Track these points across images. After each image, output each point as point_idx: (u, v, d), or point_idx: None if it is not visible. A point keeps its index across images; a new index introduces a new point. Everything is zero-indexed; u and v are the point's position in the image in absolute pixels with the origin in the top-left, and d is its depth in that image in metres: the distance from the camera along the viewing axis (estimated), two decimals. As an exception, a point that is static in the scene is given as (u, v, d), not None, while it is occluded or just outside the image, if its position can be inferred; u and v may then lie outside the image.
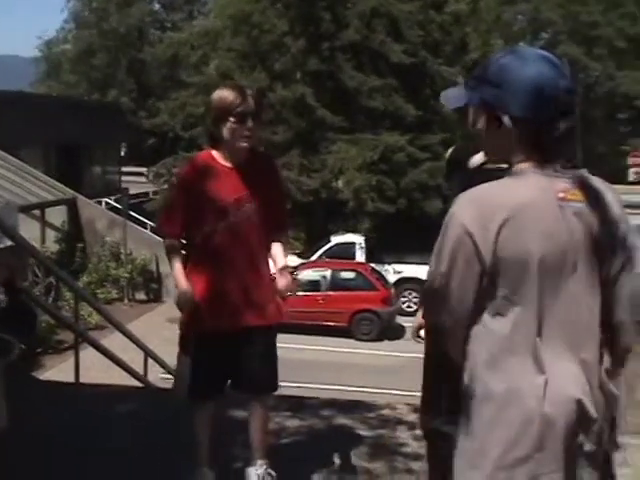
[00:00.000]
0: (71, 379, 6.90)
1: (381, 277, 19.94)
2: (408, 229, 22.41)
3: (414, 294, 21.35)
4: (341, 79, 22.56)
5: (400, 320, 19.51)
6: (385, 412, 4.91)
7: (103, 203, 23.56)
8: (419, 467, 4.03)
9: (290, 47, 22.16)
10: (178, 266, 3.45)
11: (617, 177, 37.07)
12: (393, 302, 19.33)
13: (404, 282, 21.15)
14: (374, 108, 22.59)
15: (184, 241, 3.53)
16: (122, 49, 40.93)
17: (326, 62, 22.50)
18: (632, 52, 50.27)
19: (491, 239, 1.77)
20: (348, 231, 22.58)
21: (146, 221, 23.26)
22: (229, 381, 3.54)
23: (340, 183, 23.25)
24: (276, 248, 3.53)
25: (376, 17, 22.71)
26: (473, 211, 1.81)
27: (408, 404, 5.08)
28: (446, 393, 3.29)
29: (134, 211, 22.16)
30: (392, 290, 19.61)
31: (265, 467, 3.53)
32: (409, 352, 17.09)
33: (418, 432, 4.48)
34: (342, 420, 4.72)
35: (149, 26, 44.11)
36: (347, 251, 21.13)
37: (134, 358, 7.89)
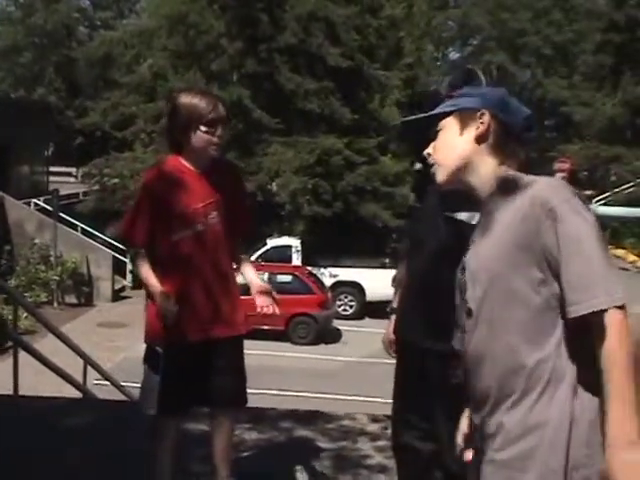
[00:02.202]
0: (5, 386, 6.64)
1: (317, 280, 19.92)
2: (344, 232, 22.46)
3: (350, 297, 21.42)
4: (278, 81, 22.44)
5: (336, 324, 19.56)
6: (345, 423, 4.83)
7: (32, 204, 22.92)
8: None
9: (227, 48, 21.92)
10: (149, 274, 3.30)
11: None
12: (329, 306, 19.33)
13: (340, 285, 21.19)
14: (311, 111, 22.53)
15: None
16: (50, 47, 39.97)
17: (263, 64, 22.34)
18: (559, 59, 51.56)
19: None
20: (284, 234, 22.49)
21: (77, 223, 22.74)
22: (196, 396, 3.40)
23: (275, 186, 23.13)
24: (247, 267, 3.44)
25: (313, 20, 22.67)
26: None
27: (368, 414, 5.00)
28: (420, 408, 3.23)
29: (64, 212, 21.60)
30: (328, 294, 19.60)
31: None
32: (345, 356, 17.18)
33: (380, 443, 4.43)
34: (302, 432, 4.63)
35: (78, 23, 43.18)
36: (283, 254, 21.04)
37: (66, 363, 7.61)
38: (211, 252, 3.28)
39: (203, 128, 3.20)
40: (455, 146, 1.92)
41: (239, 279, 3.40)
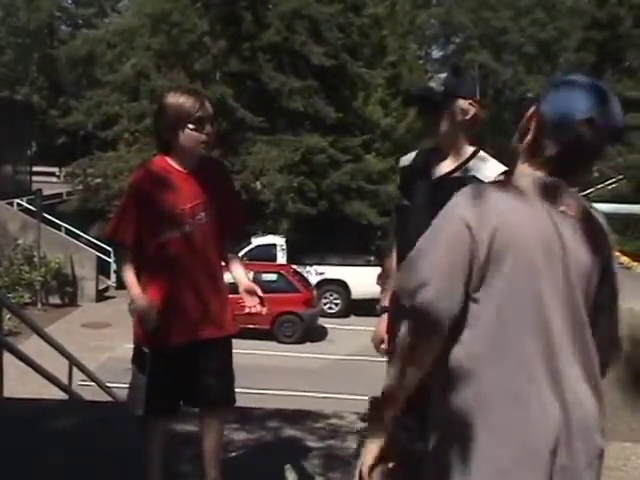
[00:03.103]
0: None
1: (303, 279, 19.91)
2: (329, 231, 22.47)
3: (335, 295, 21.43)
4: (261, 80, 22.39)
5: (322, 322, 19.57)
6: (333, 421, 4.83)
7: (15, 204, 22.76)
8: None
9: (210, 47, 21.86)
10: (131, 278, 3.27)
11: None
12: (315, 304, 19.33)
13: (326, 284, 21.20)
14: (294, 109, 22.50)
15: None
16: (32, 45, 39.68)
17: (246, 63, 22.29)
18: (541, 57, 51.78)
19: (486, 238, 1.77)
20: (268, 232, 22.46)
21: (60, 223, 22.60)
22: (184, 396, 3.39)
23: (259, 184, 23.09)
24: (235, 265, 3.42)
25: (297, 18, 22.64)
26: (474, 208, 1.80)
27: (355, 412, 5.00)
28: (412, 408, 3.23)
29: (48, 212, 21.48)
30: (314, 292, 19.60)
31: None
32: (331, 354, 17.20)
33: (368, 442, 4.41)
34: (290, 431, 4.62)
35: (60, 22, 42.90)
36: (268, 253, 21.01)
37: (50, 364, 7.55)
38: (200, 253, 3.27)
39: (191, 126, 3.20)
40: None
41: (227, 277, 3.39)
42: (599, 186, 32.93)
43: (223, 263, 3.42)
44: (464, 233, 1.78)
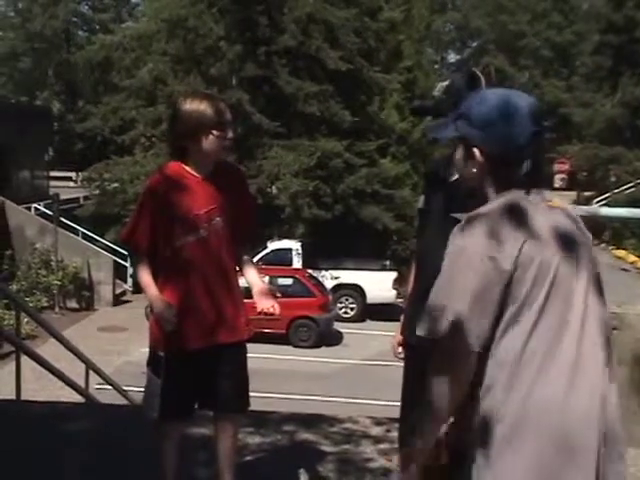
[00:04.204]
0: (7, 390, 6.64)
1: (318, 283, 19.91)
2: (344, 235, 22.45)
3: (351, 300, 21.42)
4: (277, 85, 22.42)
5: (337, 326, 19.56)
6: (348, 426, 4.82)
7: (32, 209, 22.92)
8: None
9: (226, 52, 21.91)
10: (148, 280, 3.29)
11: (544, 184, 38.04)
12: (330, 308, 19.32)
13: (341, 288, 21.19)
14: (310, 114, 22.50)
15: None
16: (49, 51, 39.95)
17: (262, 67, 22.32)
18: (558, 61, 51.60)
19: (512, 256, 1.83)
20: (284, 237, 22.48)
21: (77, 227, 22.74)
22: (199, 400, 3.41)
23: (275, 189, 23.12)
24: (249, 269, 3.42)
25: (312, 23, 22.65)
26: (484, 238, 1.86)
27: (370, 417, 5.00)
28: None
29: (65, 217, 21.62)
30: (329, 296, 19.59)
31: None
32: (347, 359, 17.18)
33: (383, 446, 4.43)
34: (305, 435, 4.62)
35: (76, 28, 43.18)
36: (284, 257, 21.02)
37: (67, 368, 7.61)
38: (215, 257, 3.28)
39: (215, 132, 3.21)
40: (464, 175, 2.08)
41: (242, 282, 3.40)
42: (616, 191, 32.80)
43: (237, 268, 3.43)
44: (487, 265, 1.84)
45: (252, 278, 3.40)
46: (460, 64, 52.93)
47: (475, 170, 1.98)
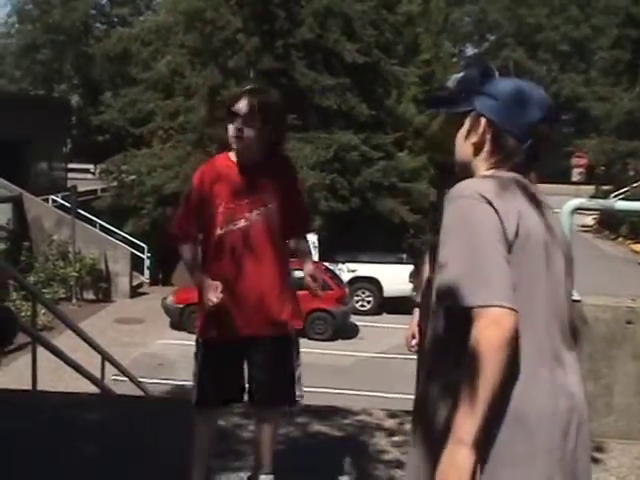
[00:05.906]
0: (24, 381, 6.69)
1: (335, 276, 19.89)
2: (361, 228, 22.42)
3: (368, 293, 21.41)
4: (294, 77, 22.38)
5: (354, 319, 19.55)
6: (362, 418, 4.82)
7: (50, 200, 23.06)
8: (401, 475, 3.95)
9: (244, 44, 21.89)
10: (196, 265, 3.36)
11: (561, 177, 37.84)
12: (347, 301, 19.30)
13: (358, 281, 21.18)
14: (327, 107, 22.45)
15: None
16: (67, 44, 40.10)
17: (280, 60, 22.28)
18: (576, 55, 51.27)
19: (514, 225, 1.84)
20: (300, 230, 22.45)
21: (95, 219, 22.85)
22: (244, 392, 3.44)
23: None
24: (304, 260, 3.47)
25: (330, 16, 22.60)
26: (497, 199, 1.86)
27: (384, 409, 4.99)
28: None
29: (82, 209, 21.73)
30: (346, 289, 19.58)
31: None
32: (363, 352, 17.18)
33: (397, 438, 4.43)
34: (318, 427, 4.62)
35: (95, 20, 43.30)
36: (300, 250, 21.00)
37: (83, 359, 7.66)
38: (256, 248, 3.28)
39: (227, 122, 3.25)
40: (460, 150, 2.05)
41: (298, 274, 3.37)
42: (634, 185, 32.53)
43: (292, 258, 3.45)
44: (497, 221, 1.82)
45: (305, 269, 3.42)
46: (472, 58, 52.73)
47: (475, 140, 1.98)
